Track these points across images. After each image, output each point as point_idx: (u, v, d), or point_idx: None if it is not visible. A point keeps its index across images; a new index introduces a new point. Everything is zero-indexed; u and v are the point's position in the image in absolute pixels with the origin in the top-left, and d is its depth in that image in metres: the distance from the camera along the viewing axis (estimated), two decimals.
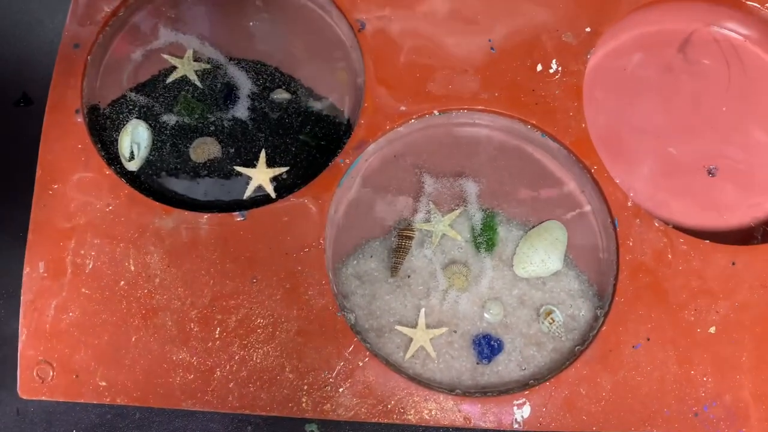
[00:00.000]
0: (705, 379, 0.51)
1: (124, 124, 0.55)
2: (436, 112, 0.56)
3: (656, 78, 0.61)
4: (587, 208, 0.56)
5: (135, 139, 0.54)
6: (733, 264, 0.53)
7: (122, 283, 0.51)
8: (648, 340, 0.51)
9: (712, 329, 0.52)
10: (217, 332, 0.50)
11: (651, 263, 0.53)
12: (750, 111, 0.61)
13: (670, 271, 0.53)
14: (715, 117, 0.60)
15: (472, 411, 0.49)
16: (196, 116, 0.55)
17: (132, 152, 0.54)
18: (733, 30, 0.62)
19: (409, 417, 0.49)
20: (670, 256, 0.53)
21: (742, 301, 0.52)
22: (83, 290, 0.51)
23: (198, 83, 0.56)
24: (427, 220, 0.54)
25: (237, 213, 0.52)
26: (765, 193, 0.59)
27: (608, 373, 0.50)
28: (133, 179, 0.54)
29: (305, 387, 0.49)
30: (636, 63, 0.61)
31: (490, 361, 0.51)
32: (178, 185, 0.54)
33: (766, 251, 0.54)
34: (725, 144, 0.60)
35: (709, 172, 0.59)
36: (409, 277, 0.53)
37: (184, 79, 0.56)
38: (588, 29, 0.59)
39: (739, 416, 0.51)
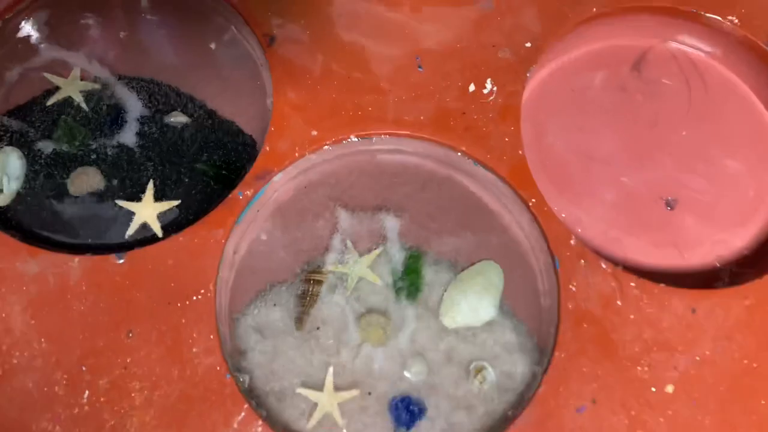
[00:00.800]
0: None
1: None
2: (353, 137, 0.49)
3: (608, 99, 0.55)
4: (526, 246, 0.49)
5: (5, 170, 0.47)
6: (694, 311, 0.46)
7: None
8: (594, 402, 0.44)
9: (670, 388, 0.45)
10: (85, 396, 0.42)
11: (597, 311, 0.46)
12: (713, 135, 0.54)
13: (619, 320, 0.45)
14: (674, 142, 0.54)
15: None
16: (78, 143, 0.48)
17: (0, 185, 0.47)
18: (693, 46, 0.56)
19: None
20: (619, 302, 0.46)
21: (703, 355, 0.45)
22: None
23: (83, 105, 0.49)
24: (342, 261, 0.47)
25: (114, 254, 0.44)
26: (731, 229, 0.52)
27: None
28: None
29: None
30: (585, 82, 0.55)
31: (409, 429, 0.44)
32: (52, 223, 0.47)
33: (730, 296, 0.47)
34: (686, 172, 0.53)
35: (668, 205, 0.52)
36: (318, 329, 0.46)
37: (67, 102, 0.50)
38: (528, 44, 0.52)
39: None
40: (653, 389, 0.44)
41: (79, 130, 0.49)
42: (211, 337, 0.43)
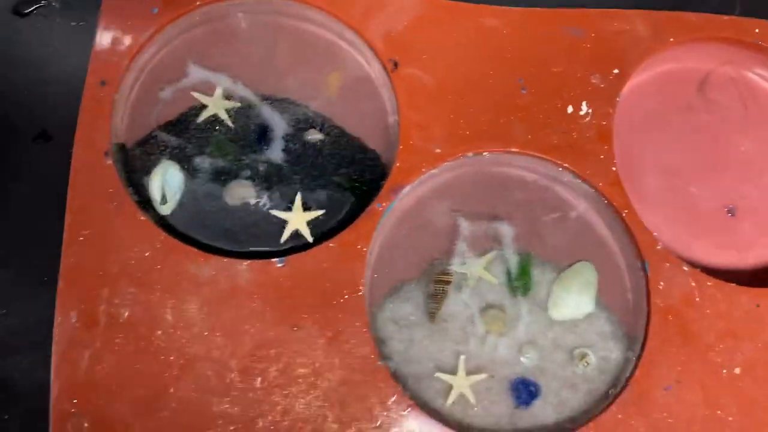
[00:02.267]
0: (730, 419, 0.53)
1: (154, 166, 0.53)
2: (469, 153, 0.56)
3: (677, 117, 0.62)
4: (616, 249, 0.57)
5: (167, 182, 0.53)
6: (758, 306, 0.55)
7: (159, 332, 0.50)
8: (678, 382, 0.53)
9: (737, 370, 0.54)
10: (258, 382, 0.50)
11: (680, 306, 0.54)
12: (766, 151, 0.62)
13: (698, 314, 0.54)
14: (733, 156, 0.62)
15: None
16: (230, 158, 0.54)
17: (164, 195, 0.53)
18: (751, 69, 0.64)
19: None
20: (698, 299, 0.54)
21: (764, 343, 0.54)
22: (118, 341, 0.50)
23: (230, 123, 0.55)
24: (463, 263, 0.55)
25: (276, 259, 0.51)
26: None
27: (642, 415, 0.52)
28: (167, 224, 0.53)
29: None
30: (659, 103, 0.62)
31: (528, 405, 0.52)
32: (214, 230, 0.53)
33: None
34: (744, 183, 0.61)
35: (729, 212, 0.60)
36: (445, 321, 0.53)
37: (215, 119, 0.55)
38: (616, 71, 0.59)
39: None
40: (724, 371, 0.53)
41: (230, 146, 0.54)
42: (364, 330, 0.51)
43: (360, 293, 0.51)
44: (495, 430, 0.51)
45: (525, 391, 0.52)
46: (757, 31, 0.62)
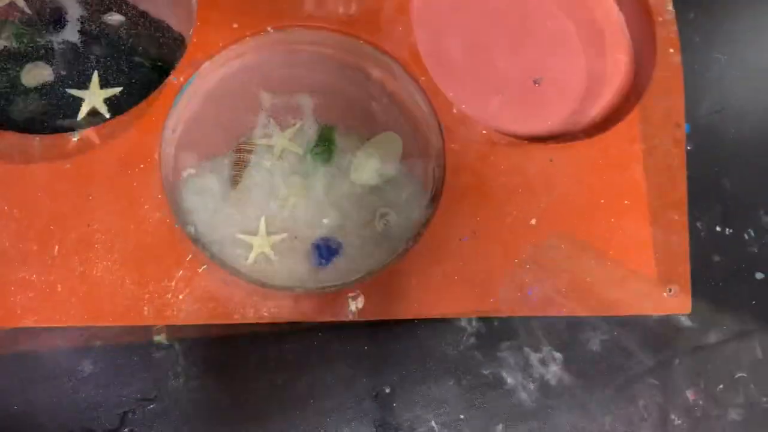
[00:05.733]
0: (528, 266, 0.56)
1: None
2: (270, 29, 0.58)
3: None
4: (419, 117, 0.59)
5: None
6: (551, 160, 0.58)
7: None
8: (474, 233, 0.55)
9: (533, 221, 0.57)
10: (56, 250, 0.51)
11: (475, 164, 0.57)
12: (573, 26, 0.65)
13: (493, 171, 0.57)
14: (539, 32, 0.65)
15: (308, 306, 0.52)
16: (25, 41, 0.55)
17: None
18: None
19: (249, 316, 0.51)
20: (492, 157, 0.57)
21: (559, 195, 0.57)
22: None
23: (26, 9, 0.56)
24: (268, 135, 0.57)
25: (70, 133, 0.52)
26: (584, 101, 0.64)
27: (438, 264, 0.54)
28: None
29: (146, 296, 0.51)
30: None
31: (329, 262, 0.54)
32: (11, 111, 0.54)
33: (580, 148, 0.59)
34: (549, 56, 0.64)
35: (535, 82, 0.63)
36: (250, 190, 0.55)
37: (11, 5, 0.56)
38: None
39: (556, 303, 0.56)
40: (520, 222, 0.56)
41: (24, 29, 0.55)
42: (159, 196, 0.52)
43: (154, 162, 0.53)
44: (298, 285, 0.54)
45: (325, 248, 0.55)
46: None
